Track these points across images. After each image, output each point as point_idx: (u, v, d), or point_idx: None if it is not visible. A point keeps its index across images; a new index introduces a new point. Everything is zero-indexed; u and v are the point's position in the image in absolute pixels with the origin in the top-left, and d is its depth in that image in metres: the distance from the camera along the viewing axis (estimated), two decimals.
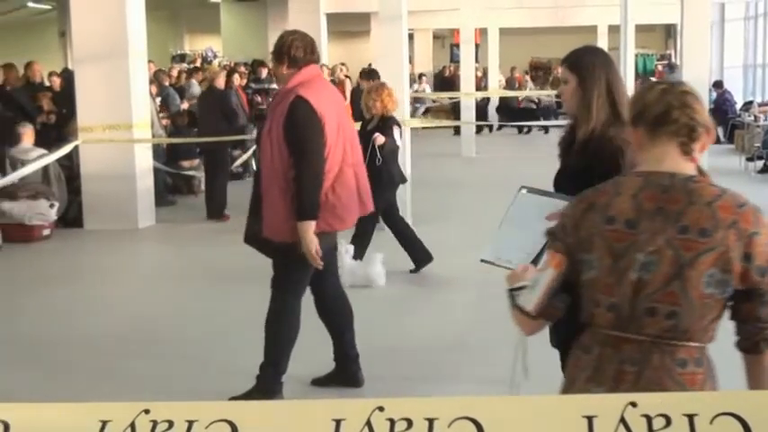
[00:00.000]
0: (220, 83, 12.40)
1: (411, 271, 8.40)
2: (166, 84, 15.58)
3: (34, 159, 10.78)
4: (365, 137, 8.00)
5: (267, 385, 5.13)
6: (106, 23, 10.76)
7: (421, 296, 7.71)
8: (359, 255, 8.01)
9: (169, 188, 13.30)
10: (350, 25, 24.71)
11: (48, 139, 12.11)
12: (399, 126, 8.70)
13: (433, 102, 25.44)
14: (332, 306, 5.38)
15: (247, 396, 5.01)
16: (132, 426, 1.77)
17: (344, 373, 5.43)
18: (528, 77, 27.57)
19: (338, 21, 20.31)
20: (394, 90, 8.60)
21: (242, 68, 18.16)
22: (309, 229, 4.85)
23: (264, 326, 5.16)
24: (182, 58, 26.79)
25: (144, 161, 11.28)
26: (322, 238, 4.96)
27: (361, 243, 8.14)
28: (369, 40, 25.15)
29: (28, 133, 11.20)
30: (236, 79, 14.90)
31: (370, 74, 11.86)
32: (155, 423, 1.78)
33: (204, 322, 7.09)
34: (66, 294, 8.06)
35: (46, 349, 6.49)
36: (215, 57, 25.39)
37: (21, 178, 10.46)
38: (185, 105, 15.40)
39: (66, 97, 12.75)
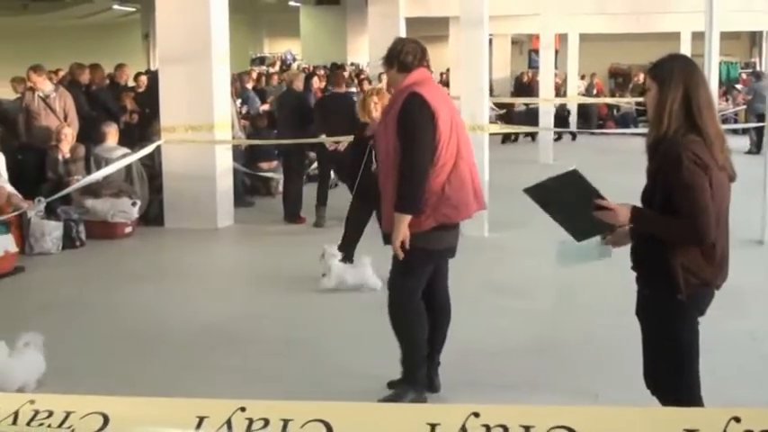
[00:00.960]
0: (299, 85, 12.51)
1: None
2: (248, 86, 15.77)
3: (118, 158, 10.99)
4: (364, 141, 8.00)
5: (416, 378, 5.23)
6: (190, 26, 10.92)
7: (496, 302, 7.65)
8: (348, 257, 8.11)
9: (247, 189, 13.44)
10: (428, 30, 24.61)
11: (130, 138, 12.34)
12: None
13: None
14: (434, 307, 5.36)
15: (397, 397, 5.13)
16: (228, 423, 1.79)
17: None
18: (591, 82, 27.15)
19: (417, 25, 20.24)
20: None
21: (320, 72, 18.29)
22: (405, 221, 4.93)
23: (392, 324, 5.25)
24: (261, 60, 27.11)
25: (224, 162, 11.42)
26: (441, 232, 5.04)
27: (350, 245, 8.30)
28: (447, 45, 25.07)
29: (112, 132, 11.43)
30: (315, 82, 15.01)
31: (330, 78, 11.93)
32: (250, 421, 1.78)
33: (285, 321, 7.14)
34: (148, 291, 8.19)
35: (133, 343, 6.61)
36: (294, 60, 25.62)
37: (104, 176, 10.68)
38: (265, 107, 15.57)
39: (149, 98, 12.98)
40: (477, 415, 1.71)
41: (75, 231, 10.17)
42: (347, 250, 8.24)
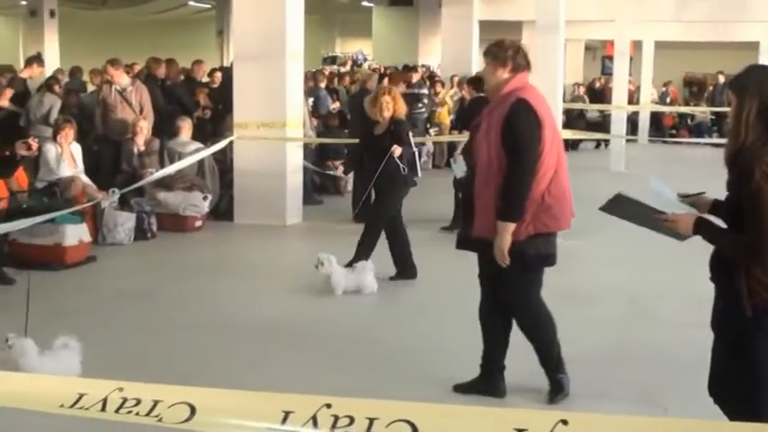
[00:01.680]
0: (372, 85, 12.53)
1: (390, 278, 8.36)
2: (321, 85, 15.86)
3: (191, 152, 11.13)
4: (374, 141, 8.10)
5: (563, 386, 5.30)
6: (266, 24, 11.01)
7: (567, 311, 7.55)
8: (363, 258, 8.09)
9: (316, 187, 13.51)
10: (501, 33, 24.50)
11: (202, 133, 12.49)
12: (411, 130, 8.69)
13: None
14: (506, 312, 5.32)
15: (555, 398, 5.26)
16: (314, 419, 1.78)
17: (488, 383, 5.38)
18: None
19: (489, 28, 20.17)
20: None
21: (404, 74, 18.29)
22: (509, 229, 4.91)
23: (526, 334, 5.29)
24: (332, 60, 27.24)
25: (295, 159, 11.48)
26: (539, 240, 5.02)
27: (367, 247, 8.27)
28: None
29: (186, 127, 11.57)
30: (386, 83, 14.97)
31: (476, 82, 11.79)
32: (336, 418, 1.78)
33: (350, 320, 7.16)
34: (216, 284, 8.28)
35: (201, 335, 6.68)
36: (365, 60, 25.70)
37: (177, 170, 10.81)
38: (336, 106, 15.64)
39: (223, 93, 13.12)
40: (565, 422, 1.68)
41: (147, 223, 10.33)
42: (365, 255, 8.18)
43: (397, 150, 8.06)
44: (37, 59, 14.33)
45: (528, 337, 5.29)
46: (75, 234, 8.91)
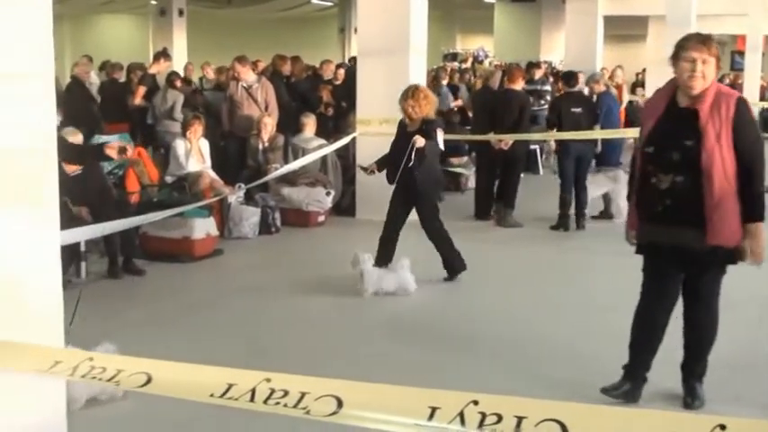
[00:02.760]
0: (495, 82, 12.45)
1: (445, 279, 8.20)
2: (443, 82, 15.84)
3: (314, 149, 11.25)
4: (406, 139, 7.89)
5: (700, 394, 5.23)
6: (390, 21, 11.04)
7: None
8: (386, 260, 7.89)
9: None
10: (626, 29, 24.09)
11: (325, 129, 12.62)
12: (443, 128, 8.40)
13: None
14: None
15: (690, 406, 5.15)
16: (461, 415, 1.76)
17: (633, 387, 5.24)
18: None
19: (614, 23, 19.85)
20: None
21: (522, 70, 18.12)
22: (761, 227, 4.87)
23: (702, 335, 5.20)
24: (453, 56, 27.16)
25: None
26: None
27: (446, 247, 8.13)
28: (643, 44, 24.39)
29: (310, 123, 11.71)
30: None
31: (568, 77, 11.53)
32: (483, 415, 1.75)
33: (467, 316, 7.12)
34: (339, 279, 8.33)
35: (322, 329, 6.74)
36: (486, 56, 25.54)
37: (301, 166, 10.95)
38: (458, 103, 15.59)
39: (346, 90, 13.23)
40: (723, 427, 1.61)
41: (272, 218, 10.49)
42: (386, 254, 8.04)
43: (419, 141, 7.85)
44: (163, 54, 14.70)
45: (705, 337, 5.18)
46: (203, 228, 9.11)
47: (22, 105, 2.93)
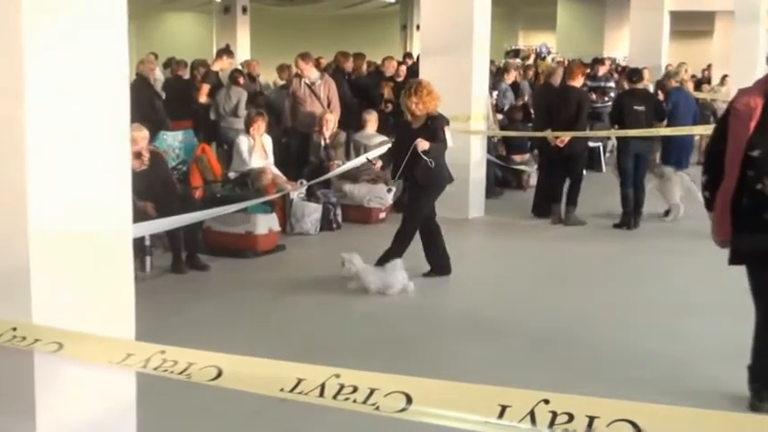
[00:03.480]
0: (556, 79, 12.34)
1: (424, 275, 8.11)
2: (506, 79, 15.78)
3: (376, 145, 11.28)
4: (410, 137, 7.74)
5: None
6: (454, 17, 11.03)
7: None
8: (397, 255, 7.77)
9: (498, 181, 13.42)
10: (692, 24, 23.69)
11: (385, 126, 12.62)
12: (449, 124, 8.22)
13: None
14: None
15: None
16: (532, 414, 1.75)
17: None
18: None
19: (680, 19, 19.57)
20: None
21: (583, 66, 17.96)
22: None
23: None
24: (515, 53, 27.03)
25: (478, 152, 11.45)
26: None
27: (401, 243, 7.96)
28: (710, 40, 24.02)
29: (372, 120, 11.73)
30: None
31: (632, 74, 11.36)
32: (554, 414, 1.74)
33: (541, 312, 7.08)
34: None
35: (390, 326, 6.75)
36: (548, 53, 25.36)
37: (362, 162, 10.99)
38: (521, 101, 15.50)
39: None
40: None
41: (333, 214, 10.53)
42: (397, 254, 7.90)
43: (422, 144, 7.72)
44: (226, 51, 14.85)
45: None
46: (266, 223, 9.18)
47: (99, 101, 2.99)
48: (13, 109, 2.74)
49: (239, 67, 15.00)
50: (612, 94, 15.63)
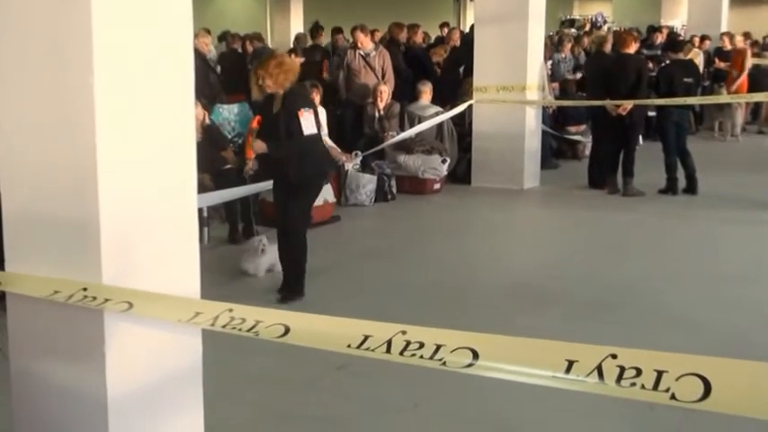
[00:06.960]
0: (608, 48, 12.23)
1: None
2: (562, 49, 15.62)
3: (430, 116, 11.26)
4: (271, 120, 6.72)
5: None
6: None
7: None
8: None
9: (554, 152, 13.33)
10: None
11: (440, 96, 12.56)
12: (310, 107, 6.77)
13: None
14: None
15: None
16: (599, 368, 1.76)
17: None
18: None
19: None
20: None
21: (634, 34, 17.69)
22: None
23: None
24: (571, 23, 26.70)
25: (533, 123, 11.39)
26: None
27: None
28: None
29: (426, 91, 11.70)
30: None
31: (673, 44, 11.22)
32: (622, 369, 1.75)
33: (588, 283, 7.03)
34: (455, 246, 8.36)
35: (442, 294, 6.77)
36: (604, 22, 25.01)
37: (417, 133, 10.98)
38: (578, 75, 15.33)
39: (461, 57, 13.13)
40: None
41: (388, 185, 10.55)
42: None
43: (257, 146, 6.76)
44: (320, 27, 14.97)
45: None
46: (322, 194, 9.20)
47: (165, 76, 3.05)
48: (84, 77, 2.82)
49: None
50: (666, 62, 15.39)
